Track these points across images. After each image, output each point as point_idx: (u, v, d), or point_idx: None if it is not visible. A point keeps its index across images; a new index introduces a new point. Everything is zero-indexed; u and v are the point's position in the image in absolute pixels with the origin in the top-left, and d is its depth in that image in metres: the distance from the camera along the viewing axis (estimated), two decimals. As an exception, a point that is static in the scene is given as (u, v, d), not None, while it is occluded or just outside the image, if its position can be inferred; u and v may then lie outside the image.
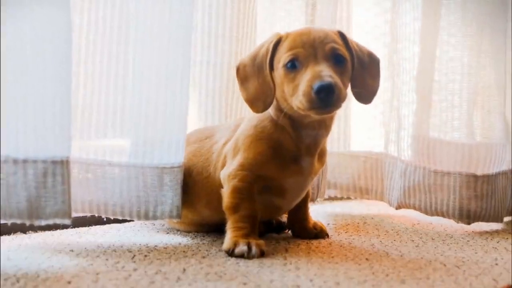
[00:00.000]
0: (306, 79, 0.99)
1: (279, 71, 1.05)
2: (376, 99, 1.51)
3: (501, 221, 1.40)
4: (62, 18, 0.99)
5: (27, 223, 0.97)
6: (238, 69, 1.11)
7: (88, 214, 1.15)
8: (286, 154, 1.09)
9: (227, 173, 1.10)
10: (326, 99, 0.97)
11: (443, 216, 1.38)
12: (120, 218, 1.15)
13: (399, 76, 1.45)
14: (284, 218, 1.28)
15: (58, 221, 0.99)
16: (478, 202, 1.36)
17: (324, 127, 1.10)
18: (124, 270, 0.93)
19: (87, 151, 1.13)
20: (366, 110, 1.57)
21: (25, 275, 0.89)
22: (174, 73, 1.13)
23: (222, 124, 1.27)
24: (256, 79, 1.08)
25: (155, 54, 1.12)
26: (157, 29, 1.11)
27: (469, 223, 1.37)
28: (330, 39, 1.04)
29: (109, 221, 1.26)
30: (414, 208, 1.41)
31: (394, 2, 1.47)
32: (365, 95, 1.11)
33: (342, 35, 1.08)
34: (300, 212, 1.22)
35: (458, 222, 1.37)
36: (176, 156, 1.14)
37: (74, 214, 1.19)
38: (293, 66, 1.03)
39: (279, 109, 1.09)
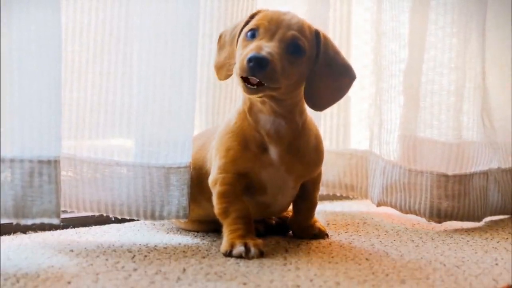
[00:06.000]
0: (248, 49, 1.00)
1: (241, 38, 1.06)
2: (368, 99, 1.53)
3: (479, 220, 1.41)
4: (53, 19, 0.99)
5: (14, 222, 0.97)
6: (220, 37, 1.14)
7: (96, 214, 1.16)
8: (252, 144, 1.08)
9: (211, 179, 1.10)
10: (254, 70, 0.97)
11: (415, 214, 1.40)
12: (128, 217, 1.15)
13: (381, 76, 1.46)
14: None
15: (45, 220, 0.98)
16: (449, 201, 1.38)
17: (279, 115, 1.07)
18: (124, 270, 0.93)
19: (95, 150, 1.14)
20: (362, 110, 1.58)
21: (25, 275, 0.89)
22: (180, 73, 1.13)
23: None
24: (228, 48, 1.10)
25: (161, 54, 1.12)
26: (163, 29, 1.12)
27: (440, 222, 1.39)
28: (298, 28, 1.04)
29: (109, 221, 1.26)
30: (391, 206, 1.43)
31: (380, 2, 1.47)
32: (316, 101, 1.09)
33: (317, 34, 1.08)
34: (300, 214, 1.21)
35: (429, 221, 1.39)
36: (182, 156, 1.14)
37: (83, 213, 1.21)
38: (252, 35, 1.04)
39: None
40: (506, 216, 1.53)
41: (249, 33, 1.04)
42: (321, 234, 1.21)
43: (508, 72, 1.54)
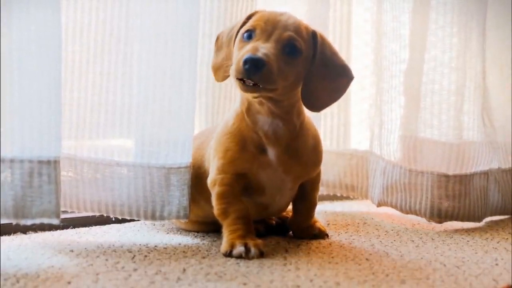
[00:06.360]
0: (245, 50, 1.00)
1: (237, 39, 1.06)
2: (369, 99, 1.53)
3: (479, 221, 1.42)
4: (53, 19, 0.99)
5: (14, 222, 0.97)
6: (217, 38, 1.14)
7: (97, 214, 1.16)
8: (251, 145, 1.08)
9: (210, 180, 1.10)
10: (250, 72, 0.97)
11: (416, 214, 1.41)
12: (128, 218, 1.15)
13: (382, 76, 1.46)
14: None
15: (45, 220, 0.98)
16: (449, 201, 1.38)
17: (277, 116, 1.07)
18: (124, 271, 0.93)
19: (95, 150, 1.14)
20: (363, 110, 1.58)
21: (25, 275, 0.89)
22: (180, 73, 1.13)
23: None
24: (226, 49, 1.10)
25: (161, 54, 1.12)
26: (163, 29, 1.12)
27: (440, 222, 1.39)
28: (294, 29, 1.04)
29: (109, 221, 1.26)
30: (391, 206, 1.44)
31: (380, 2, 1.47)
32: (313, 101, 1.08)
33: (314, 34, 1.07)
34: (300, 214, 1.21)
35: (429, 221, 1.40)
36: (182, 156, 1.14)
37: (83, 214, 1.21)
38: (248, 36, 1.04)
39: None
40: (506, 216, 1.53)
41: (245, 34, 1.04)
42: (321, 234, 1.21)
43: (508, 72, 1.55)
